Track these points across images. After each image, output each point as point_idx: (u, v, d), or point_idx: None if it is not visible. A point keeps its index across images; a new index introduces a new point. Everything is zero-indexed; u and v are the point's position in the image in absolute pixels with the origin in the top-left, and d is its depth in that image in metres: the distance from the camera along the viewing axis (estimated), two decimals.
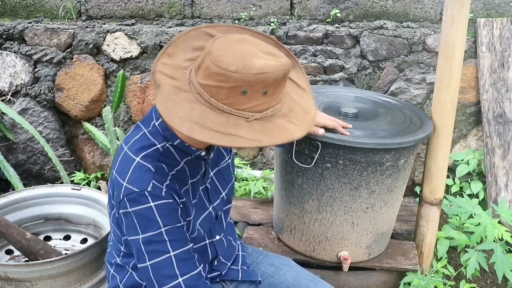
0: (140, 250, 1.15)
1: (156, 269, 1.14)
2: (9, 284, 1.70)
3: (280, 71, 1.02)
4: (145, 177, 1.12)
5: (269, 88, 1.02)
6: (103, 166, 3.07)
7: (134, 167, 1.13)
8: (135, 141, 1.19)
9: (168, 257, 1.13)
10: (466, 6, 1.79)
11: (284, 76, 1.04)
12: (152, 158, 1.15)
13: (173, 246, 1.14)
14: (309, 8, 2.84)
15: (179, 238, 1.16)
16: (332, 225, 1.91)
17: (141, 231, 1.13)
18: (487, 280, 2.29)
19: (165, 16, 2.92)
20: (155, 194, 1.11)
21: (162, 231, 1.12)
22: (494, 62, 2.68)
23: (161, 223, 1.12)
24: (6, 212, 2.05)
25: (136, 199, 1.11)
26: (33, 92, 2.88)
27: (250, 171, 2.75)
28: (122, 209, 1.14)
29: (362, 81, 2.78)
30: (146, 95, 2.88)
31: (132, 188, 1.11)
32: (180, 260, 1.15)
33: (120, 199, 1.13)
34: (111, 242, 1.41)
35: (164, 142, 1.18)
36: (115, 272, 1.39)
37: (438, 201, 2.06)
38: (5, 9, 2.97)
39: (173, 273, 1.14)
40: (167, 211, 1.13)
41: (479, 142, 2.82)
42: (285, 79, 1.06)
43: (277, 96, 1.06)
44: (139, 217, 1.12)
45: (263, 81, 1.00)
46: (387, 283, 2.06)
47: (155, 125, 1.19)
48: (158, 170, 1.14)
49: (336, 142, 1.70)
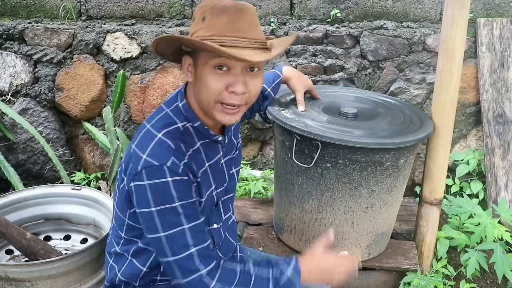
0: (152, 221, 1.18)
1: (170, 240, 1.18)
2: (9, 284, 1.70)
3: (219, 2, 1.15)
4: (165, 153, 1.17)
5: (206, 15, 1.16)
6: (103, 166, 3.07)
7: (156, 143, 1.19)
8: (158, 119, 1.26)
9: (182, 229, 1.18)
10: (466, 6, 1.79)
11: (223, 7, 1.15)
12: (173, 136, 1.21)
13: (187, 219, 1.19)
14: (309, 8, 2.84)
15: (192, 213, 1.20)
16: (332, 225, 1.91)
17: (155, 203, 1.16)
18: (487, 280, 2.29)
19: (165, 16, 2.92)
20: (173, 169, 1.16)
21: (177, 205, 1.17)
22: (494, 62, 2.68)
23: (176, 198, 1.17)
24: (6, 212, 2.05)
25: (155, 172, 1.15)
26: (33, 92, 2.88)
27: (250, 171, 2.75)
28: (136, 182, 1.18)
29: (362, 81, 2.78)
30: (146, 95, 2.88)
31: (151, 161, 1.16)
32: (193, 232, 1.19)
33: (137, 171, 1.17)
34: (111, 231, 1.43)
35: (185, 122, 1.25)
36: (114, 263, 1.40)
37: (438, 201, 2.06)
38: (5, 9, 2.97)
39: (186, 243, 1.19)
40: (182, 186, 1.17)
41: (479, 142, 2.82)
42: (224, 12, 1.14)
43: (217, 25, 1.15)
44: (154, 190, 1.16)
45: (201, 7, 1.18)
46: (387, 283, 2.07)
47: (178, 106, 1.27)
48: (178, 148, 1.20)
49: (336, 142, 1.70)
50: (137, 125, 2.96)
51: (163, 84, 2.85)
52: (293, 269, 1.27)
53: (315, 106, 1.98)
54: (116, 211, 1.36)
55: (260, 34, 1.21)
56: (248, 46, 1.15)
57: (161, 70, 2.84)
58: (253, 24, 1.19)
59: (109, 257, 1.43)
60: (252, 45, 1.16)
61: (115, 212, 1.38)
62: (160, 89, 2.86)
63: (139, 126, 2.93)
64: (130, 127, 2.97)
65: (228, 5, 1.16)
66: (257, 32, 1.19)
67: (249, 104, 1.24)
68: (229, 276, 1.22)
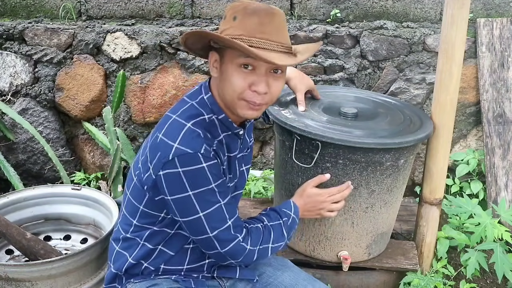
0: (190, 203, 1.25)
1: (208, 217, 1.26)
2: (9, 284, 1.70)
3: (251, 4, 1.20)
4: (198, 141, 1.23)
5: (237, 15, 1.21)
6: (103, 166, 3.07)
7: (186, 131, 1.24)
8: (184, 110, 1.31)
9: (219, 205, 1.28)
10: (466, 6, 1.79)
11: (254, 9, 1.19)
12: (200, 126, 1.27)
13: (222, 196, 1.28)
14: (309, 8, 2.84)
15: (225, 189, 1.31)
16: (332, 225, 1.91)
17: (192, 187, 1.23)
18: (487, 280, 2.29)
19: (165, 16, 2.92)
20: (206, 155, 1.23)
21: (213, 186, 1.25)
22: (494, 62, 2.68)
23: (212, 180, 1.24)
24: (6, 212, 2.05)
25: (190, 159, 1.21)
26: (33, 92, 2.88)
27: (250, 171, 2.75)
28: (167, 169, 1.22)
29: (362, 81, 2.78)
30: (146, 95, 2.88)
31: (184, 149, 1.21)
32: (227, 205, 1.30)
33: (168, 159, 1.22)
34: (120, 219, 1.46)
35: (211, 114, 1.32)
36: (121, 249, 1.42)
37: (438, 201, 2.06)
38: (5, 9, 2.97)
39: (224, 217, 1.29)
40: (215, 169, 1.26)
41: (479, 142, 2.82)
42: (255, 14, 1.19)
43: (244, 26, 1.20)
44: (190, 176, 1.22)
45: (233, 7, 1.23)
46: (387, 283, 2.07)
47: (203, 98, 1.33)
48: (206, 136, 1.26)
49: (336, 142, 1.70)
50: (137, 125, 2.96)
51: (163, 84, 2.85)
52: (293, 211, 1.50)
53: (315, 106, 1.98)
54: (129, 199, 1.40)
55: (287, 38, 1.26)
56: (275, 49, 1.21)
57: (161, 70, 2.84)
58: (281, 28, 1.24)
59: (115, 244, 1.45)
60: (278, 48, 1.21)
61: (127, 200, 1.41)
62: (160, 89, 2.86)
63: (139, 126, 2.96)
64: (130, 127, 2.97)
65: (260, 7, 1.21)
66: (284, 37, 1.24)
67: (270, 104, 1.30)
68: (257, 236, 1.37)
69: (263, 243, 1.37)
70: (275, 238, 1.41)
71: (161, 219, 1.36)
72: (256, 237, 1.36)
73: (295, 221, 1.49)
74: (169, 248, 1.40)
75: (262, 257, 1.39)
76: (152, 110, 2.90)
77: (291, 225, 1.47)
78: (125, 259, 1.41)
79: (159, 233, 1.38)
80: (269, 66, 1.22)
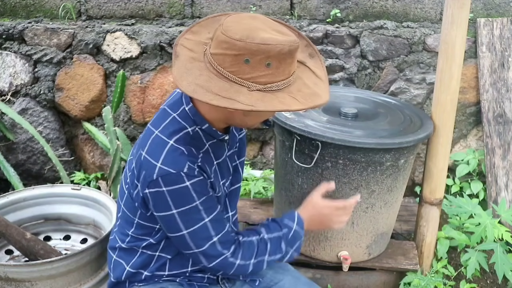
0: (174, 222, 1.23)
1: (193, 235, 1.25)
2: (9, 284, 1.70)
3: (284, 46, 1.07)
4: (180, 159, 1.20)
5: (272, 61, 1.07)
6: (103, 166, 3.07)
7: (168, 150, 1.21)
8: (166, 125, 1.27)
9: (204, 223, 1.25)
10: (466, 6, 1.79)
11: (289, 51, 1.08)
12: (184, 141, 1.23)
13: (207, 213, 1.25)
14: (309, 8, 2.84)
15: (211, 205, 1.27)
16: None
17: (176, 206, 1.22)
18: (487, 280, 2.29)
19: (165, 16, 2.92)
20: (189, 174, 1.20)
21: (197, 203, 1.23)
22: (494, 62, 2.68)
23: (196, 197, 1.22)
24: (6, 212, 2.04)
25: (173, 179, 1.19)
26: (33, 92, 2.88)
27: (250, 171, 2.75)
28: (152, 188, 1.21)
29: (362, 81, 2.78)
30: (146, 95, 2.88)
31: (167, 169, 1.19)
32: (213, 222, 1.26)
33: (152, 179, 1.20)
34: (116, 228, 1.45)
35: (194, 126, 1.27)
36: (118, 258, 1.41)
37: (438, 201, 2.06)
38: (5, 9, 2.97)
39: (209, 234, 1.26)
40: (200, 186, 1.22)
41: (479, 142, 2.82)
42: (291, 56, 1.10)
43: (282, 71, 1.11)
44: (174, 195, 1.20)
45: (265, 52, 1.06)
46: (387, 283, 2.06)
47: (185, 110, 1.28)
48: (190, 152, 1.23)
49: (336, 142, 1.70)
50: (137, 125, 2.96)
51: (163, 84, 2.85)
52: (297, 223, 1.41)
53: None
54: (123, 210, 1.38)
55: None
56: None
57: (161, 70, 2.84)
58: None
59: (112, 253, 1.44)
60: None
61: (122, 211, 1.39)
62: (160, 89, 2.86)
63: (139, 126, 2.95)
64: (130, 127, 2.97)
65: (286, 48, 1.08)
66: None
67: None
68: (249, 250, 1.33)
69: (258, 256, 1.34)
70: (272, 251, 1.36)
71: (158, 229, 1.35)
72: (249, 251, 1.33)
73: (299, 233, 1.41)
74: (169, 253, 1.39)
75: (258, 269, 1.36)
76: (152, 110, 2.90)
77: (293, 237, 1.40)
78: (122, 268, 1.40)
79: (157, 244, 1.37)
80: None
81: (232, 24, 1.09)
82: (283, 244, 1.37)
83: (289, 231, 1.39)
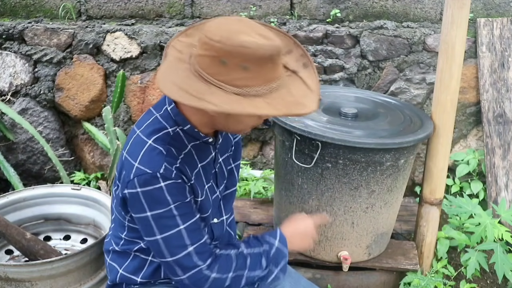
0: (149, 225, 1.20)
1: (167, 241, 1.21)
2: (9, 284, 1.70)
3: (265, 50, 1.04)
4: (157, 159, 1.17)
5: (249, 64, 1.04)
6: (103, 166, 3.07)
7: (146, 149, 1.19)
8: (147, 125, 1.24)
9: (178, 230, 1.20)
10: (466, 6, 1.79)
11: (269, 56, 1.05)
12: (163, 141, 1.20)
13: (182, 220, 1.21)
14: (309, 8, 2.84)
15: (187, 212, 1.22)
16: (332, 225, 1.91)
17: (149, 208, 1.18)
18: (487, 280, 2.29)
19: (165, 16, 2.92)
20: (165, 176, 1.16)
21: (171, 207, 1.18)
22: (494, 62, 2.68)
23: (171, 201, 1.18)
24: (6, 212, 2.04)
25: (148, 180, 1.16)
26: (33, 92, 2.88)
27: (250, 171, 2.75)
28: (129, 189, 1.19)
29: (362, 81, 2.78)
30: (146, 95, 2.88)
31: (144, 169, 1.16)
32: (189, 231, 1.21)
33: (129, 179, 1.18)
34: (111, 231, 1.43)
35: (175, 126, 1.24)
36: (112, 261, 1.41)
37: (438, 201, 2.06)
38: (5, 9, 2.97)
39: (184, 243, 1.21)
40: (175, 190, 1.19)
41: (479, 142, 2.82)
42: (272, 61, 1.06)
43: (262, 75, 1.06)
44: (148, 197, 1.17)
45: (242, 55, 1.03)
46: (387, 283, 2.06)
47: (167, 110, 1.25)
48: (169, 153, 1.19)
49: (336, 142, 1.70)
50: None
51: None
52: (279, 240, 1.36)
53: None
54: (115, 213, 1.37)
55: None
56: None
57: None
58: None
59: (106, 256, 1.44)
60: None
61: (114, 213, 1.38)
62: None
63: None
64: (130, 127, 2.97)
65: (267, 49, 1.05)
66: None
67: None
68: (227, 264, 1.27)
69: (236, 271, 1.27)
70: (251, 266, 1.29)
71: None
72: (226, 265, 1.27)
73: (282, 251, 1.35)
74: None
75: (235, 285, 1.28)
76: None
77: (276, 255, 1.33)
78: (116, 271, 1.40)
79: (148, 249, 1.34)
80: None
81: (215, 26, 1.07)
82: (263, 260, 1.31)
83: (271, 247, 1.33)
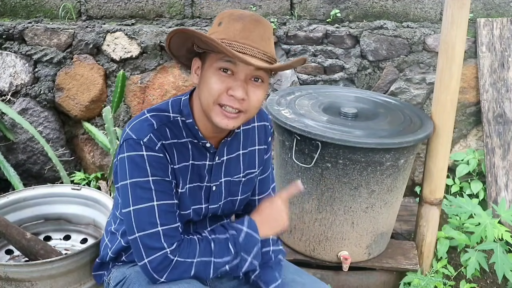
0: (126, 194, 1.23)
1: (137, 214, 1.22)
2: (9, 284, 1.70)
3: (239, 11, 1.20)
4: (145, 129, 1.22)
5: (223, 21, 1.20)
6: (103, 166, 3.07)
7: (141, 119, 1.25)
8: (156, 105, 1.31)
9: (151, 205, 1.22)
10: (466, 6, 1.79)
11: (239, 15, 1.19)
12: (159, 120, 1.26)
13: (157, 196, 1.22)
14: (309, 8, 2.84)
15: (164, 190, 1.24)
16: (332, 225, 1.91)
17: (130, 175, 1.22)
18: (487, 280, 2.29)
19: (165, 16, 2.92)
20: (149, 146, 1.21)
21: (149, 179, 1.21)
22: (494, 62, 2.68)
23: (150, 172, 1.21)
24: (6, 212, 2.04)
25: (132, 145, 1.22)
26: (33, 92, 2.88)
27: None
28: (120, 154, 1.25)
29: (362, 81, 2.78)
30: (146, 95, 2.88)
31: (131, 134, 1.23)
32: (162, 211, 1.22)
33: (121, 143, 1.25)
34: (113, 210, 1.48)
35: (177, 114, 1.29)
36: (108, 241, 1.46)
37: (438, 201, 2.06)
38: (5, 9, 2.97)
39: (154, 221, 1.22)
40: (156, 163, 1.22)
41: (479, 142, 2.82)
42: (241, 20, 1.18)
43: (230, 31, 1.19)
44: (131, 162, 1.22)
45: (224, 15, 1.22)
46: (387, 283, 2.07)
47: (180, 99, 1.31)
48: (160, 130, 1.24)
49: (336, 142, 1.70)
50: None
51: (163, 84, 2.85)
52: (248, 226, 1.31)
53: (315, 106, 1.98)
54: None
55: (270, 48, 1.22)
56: (256, 56, 1.18)
57: (161, 70, 2.84)
58: (265, 37, 1.21)
59: (105, 235, 1.49)
60: (260, 56, 1.19)
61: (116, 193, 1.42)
62: (160, 89, 2.86)
63: None
64: None
65: (246, 14, 1.21)
66: (267, 46, 1.21)
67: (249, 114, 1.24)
68: (191, 248, 1.25)
69: (201, 256, 1.24)
70: (218, 252, 1.26)
71: None
72: (189, 249, 1.24)
73: (252, 236, 1.30)
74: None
75: (204, 272, 1.25)
76: None
77: (246, 241, 1.29)
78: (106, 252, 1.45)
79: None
80: (249, 73, 1.18)
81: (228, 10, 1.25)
82: (231, 246, 1.27)
83: (238, 233, 1.30)
